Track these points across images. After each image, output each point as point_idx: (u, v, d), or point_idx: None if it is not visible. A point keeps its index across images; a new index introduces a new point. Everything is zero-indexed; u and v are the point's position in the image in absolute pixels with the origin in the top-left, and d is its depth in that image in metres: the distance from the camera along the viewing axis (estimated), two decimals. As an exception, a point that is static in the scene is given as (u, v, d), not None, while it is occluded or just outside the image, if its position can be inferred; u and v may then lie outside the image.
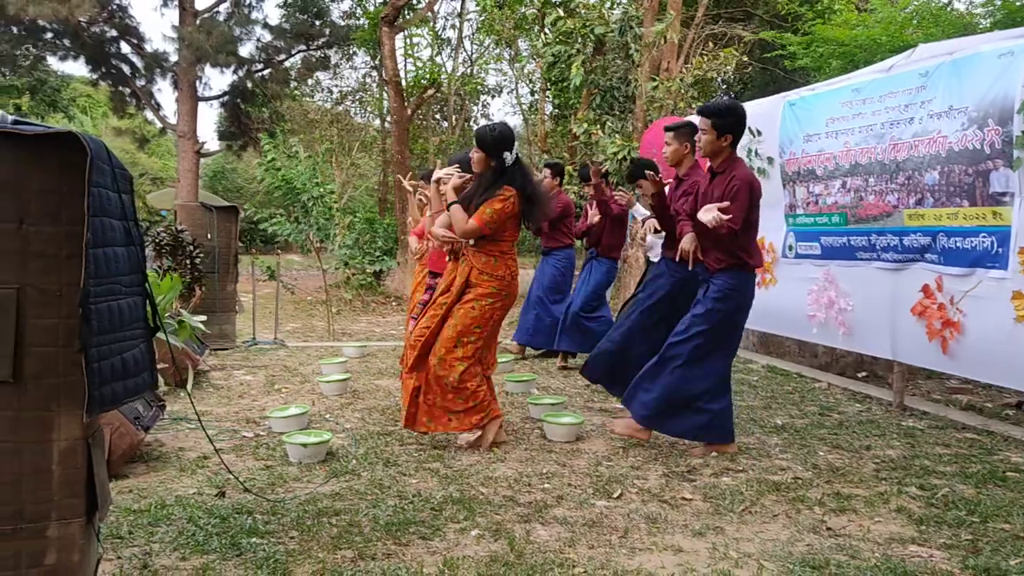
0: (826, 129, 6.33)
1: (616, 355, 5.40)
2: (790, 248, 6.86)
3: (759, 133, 7.15)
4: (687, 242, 4.62)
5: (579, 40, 10.84)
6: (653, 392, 4.58)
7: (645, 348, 5.15)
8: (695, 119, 4.74)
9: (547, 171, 7.77)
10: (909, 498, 3.85)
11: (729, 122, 4.42)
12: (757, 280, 4.89)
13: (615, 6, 11.32)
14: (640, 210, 6.08)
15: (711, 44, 15.29)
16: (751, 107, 6.99)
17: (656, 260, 5.97)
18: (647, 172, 5.13)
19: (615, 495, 3.86)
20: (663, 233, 5.33)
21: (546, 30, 13.27)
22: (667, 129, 5.31)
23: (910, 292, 5.49)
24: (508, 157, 4.58)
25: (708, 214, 4.30)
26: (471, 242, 4.66)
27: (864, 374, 7.13)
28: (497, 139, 4.58)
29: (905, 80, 5.54)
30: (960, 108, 5.00)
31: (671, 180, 5.39)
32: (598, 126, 11.42)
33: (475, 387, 4.59)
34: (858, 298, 6.07)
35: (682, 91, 10.99)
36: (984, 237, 4.89)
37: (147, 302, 2.51)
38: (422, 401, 4.63)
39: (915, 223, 5.42)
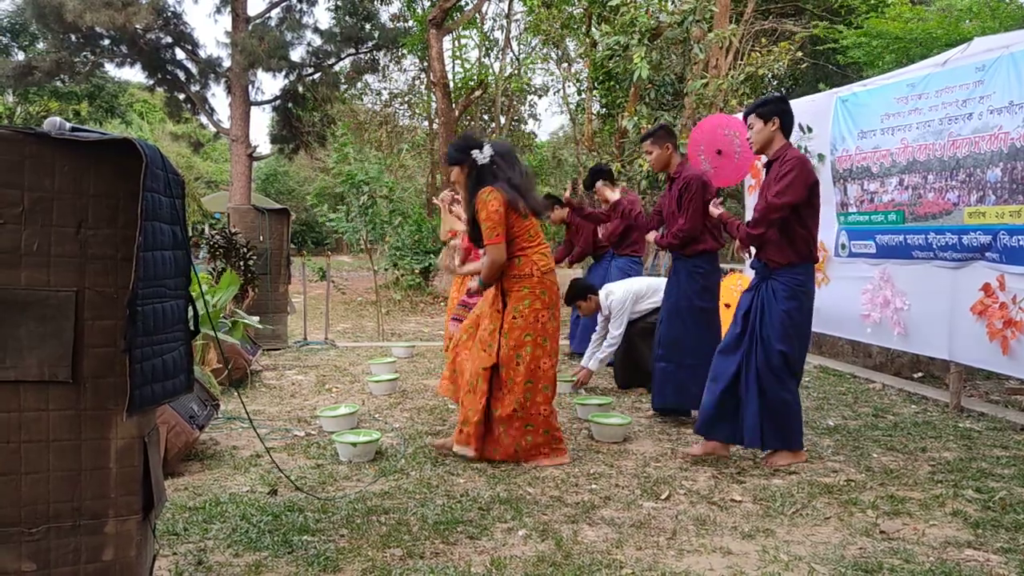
0: (881, 125, 6.20)
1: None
2: (843, 247, 6.74)
3: (810, 130, 7.04)
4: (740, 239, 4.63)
5: (639, 31, 10.68)
6: (753, 411, 4.29)
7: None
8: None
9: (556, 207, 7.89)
10: (965, 501, 3.76)
11: (771, 108, 4.37)
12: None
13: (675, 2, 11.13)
14: None
15: (763, 40, 15.10)
16: (802, 103, 6.91)
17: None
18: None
19: (663, 496, 3.84)
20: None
21: (593, 28, 13.18)
22: (642, 140, 5.48)
23: (969, 291, 5.36)
24: (478, 155, 4.38)
25: (716, 209, 4.72)
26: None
27: (920, 375, 6.98)
28: (455, 147, 4.51)
29: (961, 75, 5.41)
30: (1021, 103, 4.87)
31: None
32: (651, 122, 11.28)
33: (547, 413, 4.41)
34: (915, 297, 5.94)
35: (734, 87, 10.86)
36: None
37: (189, 306, 2.54)
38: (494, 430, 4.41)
39: (975, 221, 5.28)
